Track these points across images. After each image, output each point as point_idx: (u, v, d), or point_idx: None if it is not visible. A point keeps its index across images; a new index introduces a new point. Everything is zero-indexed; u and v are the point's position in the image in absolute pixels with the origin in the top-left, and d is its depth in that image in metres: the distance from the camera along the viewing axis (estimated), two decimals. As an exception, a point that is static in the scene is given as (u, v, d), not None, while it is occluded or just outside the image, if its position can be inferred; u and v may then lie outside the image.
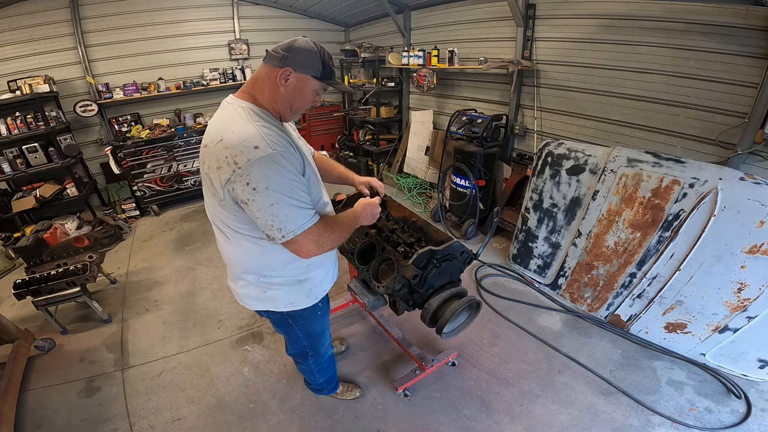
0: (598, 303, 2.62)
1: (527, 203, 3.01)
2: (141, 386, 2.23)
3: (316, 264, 1.39)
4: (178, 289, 3.15)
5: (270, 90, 1.13)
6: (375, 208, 1.38)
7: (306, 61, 1.11)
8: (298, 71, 1.10)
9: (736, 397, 2.01)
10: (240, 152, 0.99)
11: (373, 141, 5.39)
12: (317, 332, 1.61)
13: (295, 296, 1.40)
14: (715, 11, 2.31)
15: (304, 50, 1.10)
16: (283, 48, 1.10)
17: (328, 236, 1.15)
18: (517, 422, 1.94)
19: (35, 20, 4.12)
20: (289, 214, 1.04)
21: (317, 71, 1.13)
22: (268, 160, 0.99)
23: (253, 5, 5.27)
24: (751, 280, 1.97)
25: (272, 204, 1.01)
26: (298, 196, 1.05)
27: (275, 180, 1.00)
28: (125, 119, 4.81)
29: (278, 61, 1.10)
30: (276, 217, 1.03)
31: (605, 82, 3.01)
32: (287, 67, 1.09)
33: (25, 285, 2.54)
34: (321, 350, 1.71)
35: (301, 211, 1.06)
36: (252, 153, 0.98)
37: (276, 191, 1.00)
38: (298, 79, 1.11)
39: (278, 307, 1.42)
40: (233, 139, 1.01)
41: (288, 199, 1.02)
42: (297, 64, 1.10)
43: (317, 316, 1.54)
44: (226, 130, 1.05)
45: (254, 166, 0.98)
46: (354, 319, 2.70)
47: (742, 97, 2.32)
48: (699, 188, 2.09)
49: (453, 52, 3.96)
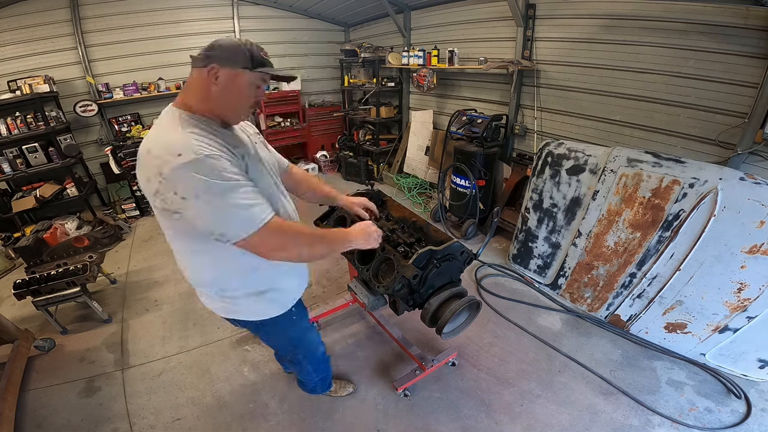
0: (598, 303, 2.62)
1: (527, 203, 3.01)
2: (141, 386, 2.23)
3: (278, 274, 1.31)
4: (178, 289, 3.15)
5: (202, 93, 1.07)
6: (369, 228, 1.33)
7: (231, 54, 1.05)
8: (225, 66, 1.04)
9: (736, 397, 2.01)
10: (164, 161, 0.93)
11: (373, 141, 5.39)
12: (297, 336, 1.56)
13: (259, 306, 1.33)
14: (715, 11, 2.31)
15: (226, 45, 1.06)
16: (205, 48, 1.07)
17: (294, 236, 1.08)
18: (517, 422, 1.94)
19: (35, 20, 4.12)
20: (228, 218, 0.97)
21: (246, 62, 1.06)
22: (191, 166, 0.91)
23: (253, 5, 5.27)
24: (751, 280, 1.97)
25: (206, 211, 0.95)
26: (237, 198, 0.97)
27: (202, 185, 0.92)
28: (125, 119, 4.81)
29: (202, 62, 1.05)
30: (214, 223, 0.97)
31: (605, 82, 3.01)
32: (213, 64, 1.04)
33: (25, 285, 2.54)
34: (310, 348, 1.67)
35: (241, 212, 0.98)
36: (175, 160, 0.91)
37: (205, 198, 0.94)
38: (228, 75, 1.05)
39: (247, 317, 1.36)
40: (158, 148, 0.96)
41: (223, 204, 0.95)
42: (222, 60, 1.04)
43: (292, 322, 1.47)
44: (153, 141, 1.00)
45: (177, 174, 0.91)
46: (354, 319, 2.70)
47: (742, 97, 2.32)
48: (699, 188, 2.09)
49: (453, 52, 3.96)
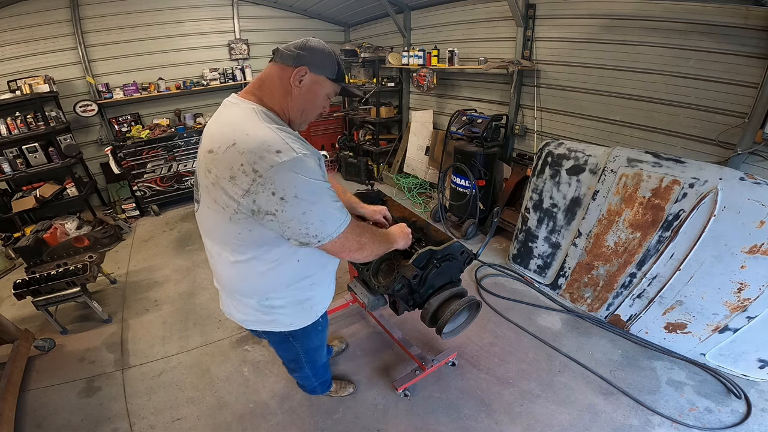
0: (598, 303, 2.62)
1: (527, 203, 3.01)
2: (141, 386, 2.23)
3: (319, 282, 1.33)
4: (178, 289, 3.15)
5: (281, 91, 1.04)
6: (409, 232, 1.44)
7: (322, 61, 1.05)
8: (313, 71, 1.04)
9: (736, 397, 2.01)
10: (260, 158, 0.87)
11: (373, 141, 5.39)
12: (316, 346, 1.57)
13: (296, 317, 1.34)
14: (715, 11, 2.31)
15: (319, 50, 1.05)
16: (297, 46, 1.03)
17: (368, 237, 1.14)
18: (517, 422, 1.94)
19: (35, 20, 4.11)
20: (324, 219, 0.97)
21: (333, 72, 1.08)
22: (292, 165, 0.88)
23: (253, 5, 5.27)
24: (751, 280, 1.96)
25: (304, 212, 0.93)
26: (329, 198, 0.98)
27: (303, 186, 0.90)
28: (125, 119, 4.81)
29: (292, 60, 1.02)
30: (311, 225, 0.95)
31: (605, 82, 3.01)
32: (303, 66, 1.02)
33: (25, 285, 2.54)
34: (317, 360, 1.68)
35: (335, 213, 0.99)
36: (274, 158, 0.87)
37: (306, 199, 0.91)
38: (312, 80, 1.05)
39: (279, 328, 1.35)
40: (249, 143, 0.89)
41: (320, 204, 0.95)
42: (313, 64, 1.04)
43: (317, 332, 1.49)
44: (238, 133, 0.92)
45: (278, 173, 0.87)
46: (354, 319, 2.70)
47: (742, 97, 2.32)
48: (699, 188, 2.09)
49: (453, 52, 3.96)
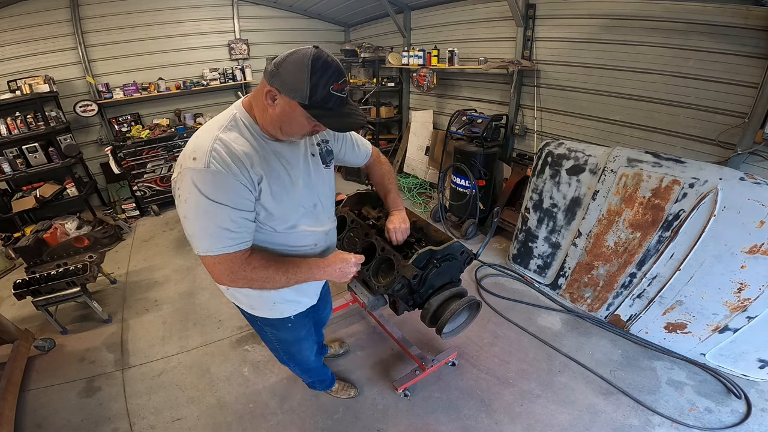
0: (598, 303, 2.62)
1: (527, 203, 3.01)
2: (141, 386, 2.23)
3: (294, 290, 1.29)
4: (178, 289, 3.15)
5: (260, 106, 1.00)
6: (348, 267, 1.20)
7: (293, 83, 0.91)
8: (283, 93, 0.93)
9: (736, 397, 2.01)
10: (183, 158, 0.95)
11: (373, 141, 5.37)
12: (290, 341, 1.51)
13: (255, 303, 1.32)
14: (715, 11, 2.31)
15: (293, 69, 0.91)
16: (276, 61, 0.94)
17: (255, 274, 1.02)
18: (517, 422, 1.94)
19: (35, 20, 4.11)
20: (195, 235, 0.97)
21: (303, 97, 0.92)
22: (194, 174, 0.91)
23: (253, 5, 5.26)
24: (751, 280, 1.96)
25: (185, 217, 0.96)
26: (214, 221, 0.95)
27: (194, 197, 0.92)
28: (125, 119, 4.81)
29: (268, 77, 0.95)
30: (188, 231, 0.98)
31: (605, 82, 3.01)
32: (274, 86, 0.94)
33: (25, 285, 2.54)
34: (298, 358, 1.62)
35: (209, 236, 0.96)
36: (188, 163, 0.93)
37: (189, 208, 0.94)
38: (285, 102, 0.94)
39: (241, 306, 1.34)
40: (188, 144, 0.98)
41: (198, 221, 0.95)
42: (284, 85, 0.92)
43: (288, 329, 1.43)
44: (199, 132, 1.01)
45: (185, 176, 0.93)
46: (354, 319, 2.70)
47: (742, 97, 2.32)
48: (699, 188, 2.09)
49: (453, 52, 3.96)
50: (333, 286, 3.09)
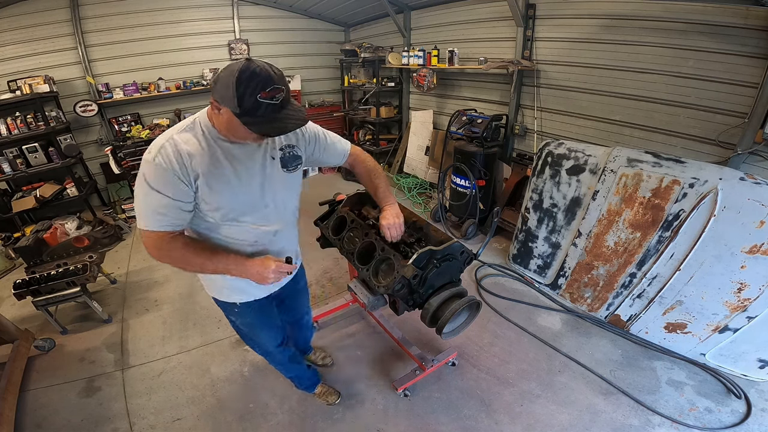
0: (598, 303, 2.62)
1: (527, 203, 3.01)
2: (141, 386, 2.23)
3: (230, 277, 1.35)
4: (178, 289, 3.15)
5: (214, 114, 1.11)
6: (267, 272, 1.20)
7: (225, 93, 1.00)
8: (221, 104, 1.03)
9: (736, 397, 2.01)
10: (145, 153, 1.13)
11: (373, 141, 5.39)
12: (252, 324, 1.57)
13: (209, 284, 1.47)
14: (715, 11, 2.31)
15: (222, 81, 0.99)
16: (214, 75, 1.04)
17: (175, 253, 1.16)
18: (517, 422, 1.94)
19: (35, 20, 4.12)
20: (138, 212, 1.15)
21: (233, 106, 1.00)
22: (144, 164, 1.09)
23: (253, 5, 5.27)
24: (751, 280, 1.97)
25: (136, 197, 1.15)
26: (151, 204, 1.11)
27: (141, 182, 1.10)
28: (125, 119, 4.81)
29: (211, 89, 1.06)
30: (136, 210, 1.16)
31: (605, 82, 3.01)
32: (215, 98, 1.04)
33: (25, 285, 2.54)
34: (255, 341, 1.68)
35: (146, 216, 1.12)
36: (145, 155, 1.10)
37: (138, 190, 1.13)
38: (225, 111, 1.03)
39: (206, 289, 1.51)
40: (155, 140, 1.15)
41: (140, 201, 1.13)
42: (220, 97, 1.02)
43: (235, 313, 1.52)
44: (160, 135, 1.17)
45: (142, 165, 1.11)
46: (354, 319, 2.70)
47: (742, 97, 2.32)
48: (699, 188, 2.09)
49: (453, 52, 3.96)
50: (333, 286, 3.09)
